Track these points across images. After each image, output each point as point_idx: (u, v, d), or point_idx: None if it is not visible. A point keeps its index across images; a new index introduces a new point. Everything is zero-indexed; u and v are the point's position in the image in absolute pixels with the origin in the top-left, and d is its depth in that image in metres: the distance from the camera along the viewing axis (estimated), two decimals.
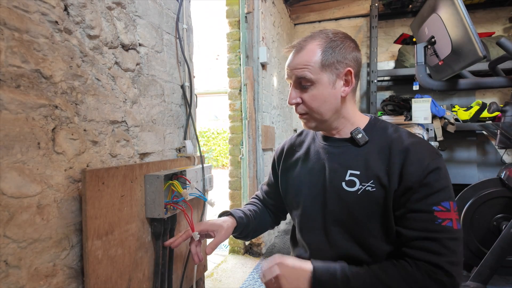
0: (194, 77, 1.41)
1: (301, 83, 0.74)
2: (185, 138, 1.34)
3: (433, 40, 1.77)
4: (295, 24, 3.73)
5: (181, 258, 1.23)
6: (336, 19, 3.55)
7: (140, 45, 1.06)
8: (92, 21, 0.85)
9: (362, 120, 0.79)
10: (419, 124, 2.53)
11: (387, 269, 0.67)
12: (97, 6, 0.86)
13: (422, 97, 2.65)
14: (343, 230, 0.75)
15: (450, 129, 2.65)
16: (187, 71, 1.35)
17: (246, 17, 2.31)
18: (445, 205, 0.66)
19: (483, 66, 2.51)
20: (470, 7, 2.98)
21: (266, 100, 2.61)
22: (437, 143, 2.63)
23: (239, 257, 2.41)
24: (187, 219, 0.98)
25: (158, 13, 1.16)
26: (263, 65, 2.49)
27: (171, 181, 1.03)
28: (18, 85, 0.65)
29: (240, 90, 2.40)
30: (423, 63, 1.88)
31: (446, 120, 2.68)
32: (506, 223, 1.74)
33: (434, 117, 2.67)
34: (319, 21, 3.61)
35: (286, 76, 0.78)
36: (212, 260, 2.36)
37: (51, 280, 0.72)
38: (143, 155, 1.07)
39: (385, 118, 2.90)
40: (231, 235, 0.87)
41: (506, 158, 2.99)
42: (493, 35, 2.89)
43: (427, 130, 2.59)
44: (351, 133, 0.76)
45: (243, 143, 2.38)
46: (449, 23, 1.60)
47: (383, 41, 3.41)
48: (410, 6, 3.11)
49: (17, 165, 0.64)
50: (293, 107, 0.78)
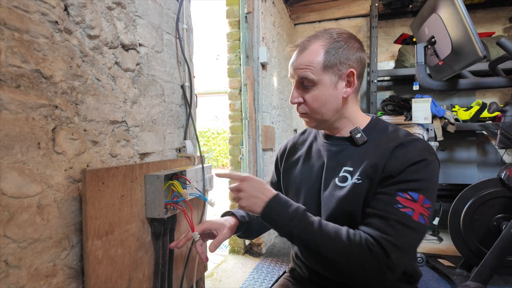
0: (194, 77, 1.41)
1: (303, 83, 0.75)
2: (185, 138, 1.34)
3: (433, 40, 1.78)
4: (295, 24, 3.73)
5: (181, 258, 1.23)
6: (336, 19, 3.55)
7: (140, 45, 1.06)
8: (92, 21, 0.85)
9: (364, 120, 0.79)
10: (419, 124, 2.52)
11: (334, 228, 0.67)
12: (97, 6, 0.86)
13: (422, 97, 2.65)
14: None
15: (450, 129, 2.65)
16: (187, 71, 1.35)
17: (246, 17, 2.31)
18: (412, 194, 0.65)
19: (483, 66, 2.51)
20: (470, 7, 2.97)
21: (266, 100, 2.60)
22: (437, 143, 2.63)
23: (239, 257, 2.41)
24: (187, 219, 0.98)
25: (158, 13, 1.16)
26: (263, 65, 2.49)
27: (171, 181, 1.03)
28: (18, 85, 0.65)
29: (240, 90, 2.40)
30: (423, 63, 1.88)
31: (446, 120, 2.68)
32: (506, 223, 1.74)
33: (434, 117, 2.67)
34: (319, 21, 3.61)
35: (289, 74, 0.79)
36: (212, 260, 2.36)
37: (51, 280, 0.72)
38: (143, 155, 1.07)
39: (385, 118, 2.90)
40: (235, 235, 0.87)
41: (506, 158, 2.99)
42: (493, 35, 2.89)
43: (427, 130, 2.59)
44: (350, 132, 0.77)
45: (243, 143, 2.38)
46: (449, 23, 1.60)
47: (383, 41, 3.40)
48: (410, 6, 3.11)
49: (17, 165, 0.64)
50: (294, 106, 0.79)
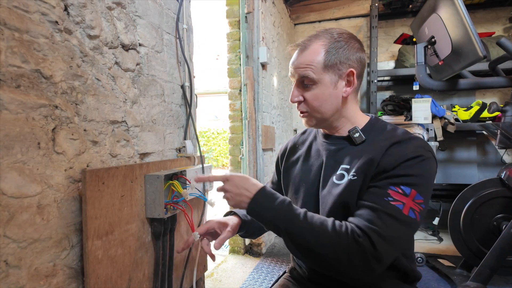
0: (194, 77, 1.41)
1: (304, 82, 0.76)
2: (185, 138, 1.34)
3: (433, 40, 1.78)
4: (295, 24, 3.72)
5: (181, 258, 1.23)
6: (336, 19, 3.55)
7: (140, 45, 1.06)
8: (92, 21, 0.85)
9: (362, 120, 0.80)
10: (419, 124, 2.53)
11: (320, 220, 0.66)
12: (97, 6, 0.86)
13: (422, 97, 2.65)
14: None
15: (450, 129, 2.65)
16: (187, 71, 1.35)
17: (246, 17, 2.30)
18: (404, 189, 0.64)
19: (483, 66, 2.51)
20: (470, 7, 2.97)
21: (266, 100, 2.60)
22: (437, 143, 2.63)
23: (239, 257, 2.41)
24: (187, 219, 0.98)
25: (158, 13, 1.16)
26: (263, 65, 2.49)
27: (171, 181, 1.03)
28: (18, 85, 0.65)
29: (240, 90, 2.40)
30: (423, 63, 1.88)
31: (446, 120, 2.68)
32: (506, 223, 1.74)
33: (434, 117, 2.67)
34: (319, 21, 3.61)
35: (289, 73, 0.79)
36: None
37: (51, 280, 0.72)
38: (143, 155, 1.07)
39: (385, 118, 2.90)
40: (238, 234, 0.88)
41: (506, 158, 2.98)
42: (493, 35, 2.89)
43: (427, 130, 2.59)
44: (348, 131, 0.77)
45: (243, 143, 2.38)
46: (449, 23, 1.60)
47: (383, 41, 3.40)
48: (410, 6, 3.11)
49: (17, 165, 0.64)
50: (295, 106, 0.79)
